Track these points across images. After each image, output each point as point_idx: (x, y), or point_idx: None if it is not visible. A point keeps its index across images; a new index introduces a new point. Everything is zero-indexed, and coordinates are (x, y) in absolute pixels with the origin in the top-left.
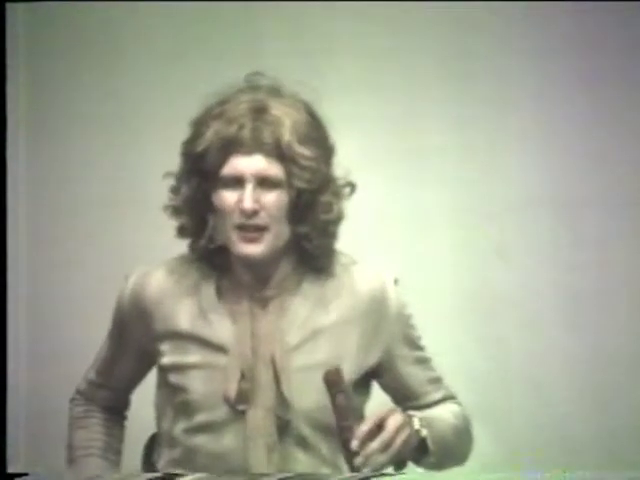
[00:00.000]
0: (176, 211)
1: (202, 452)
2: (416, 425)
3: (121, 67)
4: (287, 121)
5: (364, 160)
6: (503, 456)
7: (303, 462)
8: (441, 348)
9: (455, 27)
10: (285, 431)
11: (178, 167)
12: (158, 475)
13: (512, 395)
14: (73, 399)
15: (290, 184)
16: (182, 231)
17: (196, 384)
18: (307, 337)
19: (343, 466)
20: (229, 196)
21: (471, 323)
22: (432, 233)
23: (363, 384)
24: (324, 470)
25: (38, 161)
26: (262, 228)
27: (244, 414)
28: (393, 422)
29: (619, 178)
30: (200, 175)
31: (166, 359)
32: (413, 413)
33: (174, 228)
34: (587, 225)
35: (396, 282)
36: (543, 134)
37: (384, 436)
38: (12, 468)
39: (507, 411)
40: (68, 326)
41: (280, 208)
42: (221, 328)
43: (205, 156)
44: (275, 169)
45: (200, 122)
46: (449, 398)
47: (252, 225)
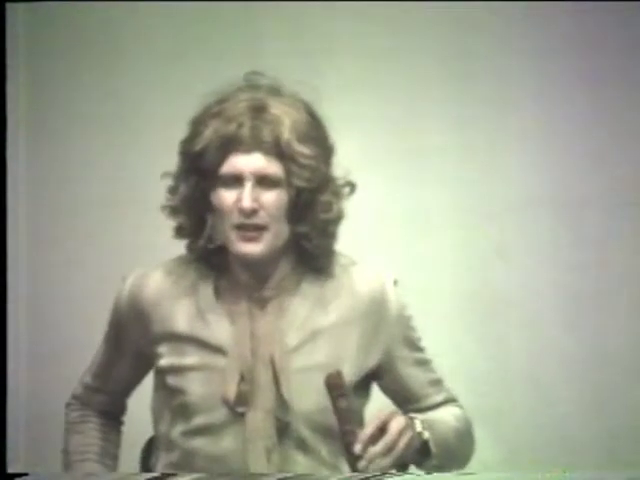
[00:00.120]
0: (174, 211)
1: (200, 455)
2: (418, 428)
3: (121, 67)
4: (286, 120)
5: (364, 160)
6: (503, 456)
7: (303, 464)
8: (441, 348)
9: (455, 27)
10: (285, 433)
11: (176, 167)
12: (156, 475)
13: (512, 395)
14: (69, 404)
15: (289, 183)
16: (180, 231)
17: (194, 386)
18: (306, 338)
19: (343, 468)
20: (228, 195)
21: (471, 323)
22: (432, 233)
23: (363, 386)
24: (324, 473)
25: (38, 161)
26: (261, 227)
27: (243, 416)
28: (395, 425)
29: (619, 178)
30: (198, 174)
31: (164, 361)
32: (415, 416)
33: (173, 228)
34: (587, 225)
35: (396, 283)
36: (543, 134)
37: (387, 439)
38: (12, 468)
39: (507, 411)
40: (68, 326)
41: (279, 207)
42: (219, 329)
43: (204, 155)
44: (274, 167)
45: (199, 121)
46: (450, 401)
47: (251, 224)
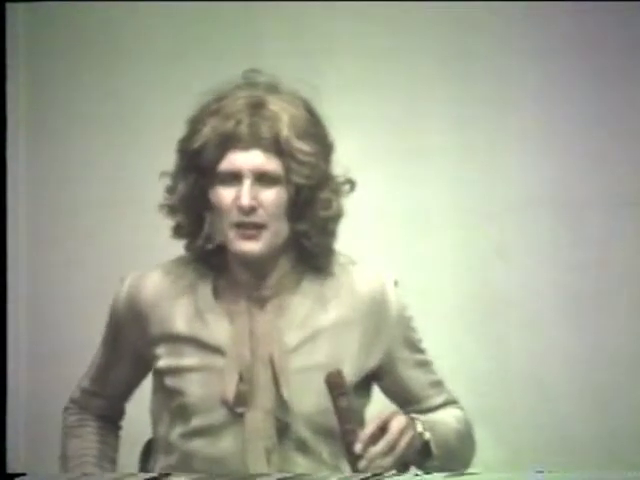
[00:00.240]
0: (172, 210)
1: (199, 456)
2: (419, 428)
3: (121, 67)
4: (285, 116)
5: (364, 160)
6: (503, 456)
7: (303, 466)
8: (441, 348)
9: (455, 27)
10: (284, 434)
11: (174, 166)
12: (155, 475)
13: (512, 395)
14: (67, 408)
15: (289, 180)
16: (178, 230)
17: (193, 387)
18: (306, 337)
19: (344, 470)
20: (226, 193)
21: (471, 323)
22: (432, 233)
23: (364, 387)
24: (324, 474)
25: (38, 161)
26: (260, 226)
27: (242, 417)
28: (396, 424)
29: (619, 178)
30: (197, 172)
31: (162, 362)
32: (416, 416)
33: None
34: (587, 225)
35: (396, 284)
36: (543, 134)
37: (388, 439)
38: (12, 468)
39: (507, 411)
40: (68, 326)
41: (279, 205)
42: (218, 329)
43: (202, 152)
44: (273, 164)
45: (197, 119)
46: (451, 402)
47: (250, 222)
